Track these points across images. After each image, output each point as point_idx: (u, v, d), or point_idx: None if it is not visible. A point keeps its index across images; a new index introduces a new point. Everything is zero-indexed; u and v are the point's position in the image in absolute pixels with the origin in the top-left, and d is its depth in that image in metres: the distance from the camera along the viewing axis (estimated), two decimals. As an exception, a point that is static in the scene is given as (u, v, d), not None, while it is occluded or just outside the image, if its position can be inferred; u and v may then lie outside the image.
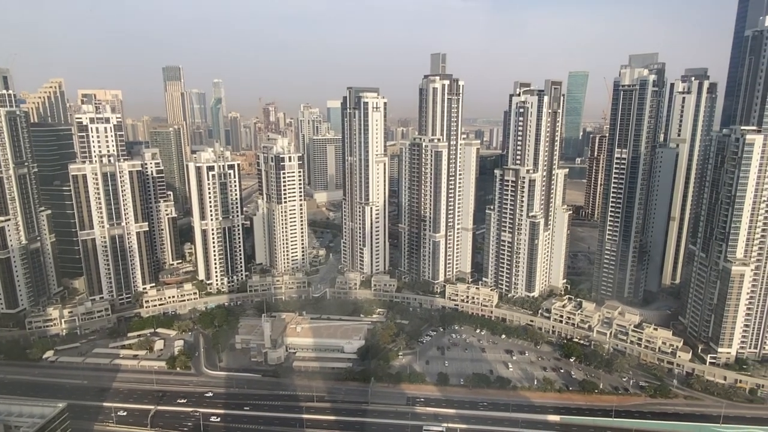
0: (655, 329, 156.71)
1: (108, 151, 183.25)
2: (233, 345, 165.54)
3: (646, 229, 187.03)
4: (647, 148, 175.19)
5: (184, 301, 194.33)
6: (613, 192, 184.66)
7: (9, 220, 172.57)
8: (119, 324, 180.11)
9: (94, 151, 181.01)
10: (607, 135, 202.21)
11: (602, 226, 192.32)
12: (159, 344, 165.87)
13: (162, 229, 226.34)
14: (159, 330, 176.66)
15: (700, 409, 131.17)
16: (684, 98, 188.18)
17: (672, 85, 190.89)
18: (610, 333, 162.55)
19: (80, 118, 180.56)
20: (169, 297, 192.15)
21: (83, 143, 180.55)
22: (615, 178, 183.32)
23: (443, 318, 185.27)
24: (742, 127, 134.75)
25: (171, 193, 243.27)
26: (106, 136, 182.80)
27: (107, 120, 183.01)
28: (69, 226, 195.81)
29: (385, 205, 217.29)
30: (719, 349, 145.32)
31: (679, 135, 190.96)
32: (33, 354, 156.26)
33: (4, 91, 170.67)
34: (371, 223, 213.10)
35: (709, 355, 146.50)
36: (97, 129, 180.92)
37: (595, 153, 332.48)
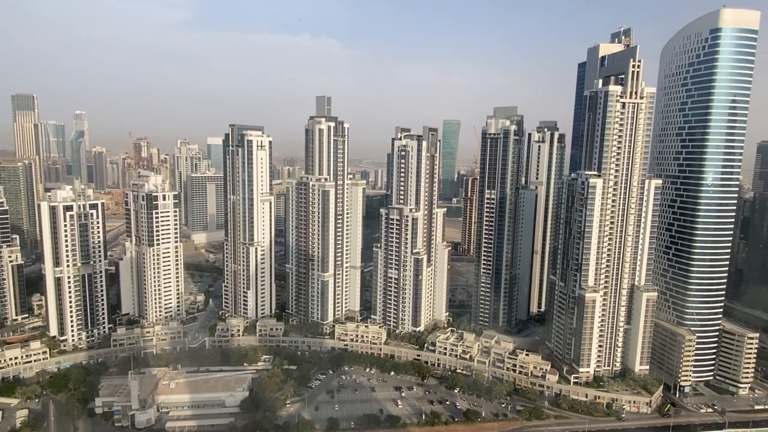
0: (527, 355, 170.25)
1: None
2: (93, 409, 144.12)
3: (514, 263, 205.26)
4: (512, 189, 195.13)
5: (30, 362, 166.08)
6: (485, 229, 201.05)
7: None
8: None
9: None
10: (478, 177, 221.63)
11: (477, 260, 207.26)
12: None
13: (4, 279, 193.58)
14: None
15: (569, 428, 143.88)
16: (539, 146, 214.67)
17: (530, 134, 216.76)
18: (489, 361, 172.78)
19: None
20: (11, 359, 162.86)
21: None
22: (486, 216, 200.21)
23: (333, 359, 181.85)
24: (586, 172, 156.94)
25: (17, 236, 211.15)
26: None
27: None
28: None
29: (271, 246, 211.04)
30: (580, 369, 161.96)
31: (537, 178, 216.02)
32: None
33: None
34: (256, 265, 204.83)
35: (572, 376, 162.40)
36: None
37: (469, 194, 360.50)
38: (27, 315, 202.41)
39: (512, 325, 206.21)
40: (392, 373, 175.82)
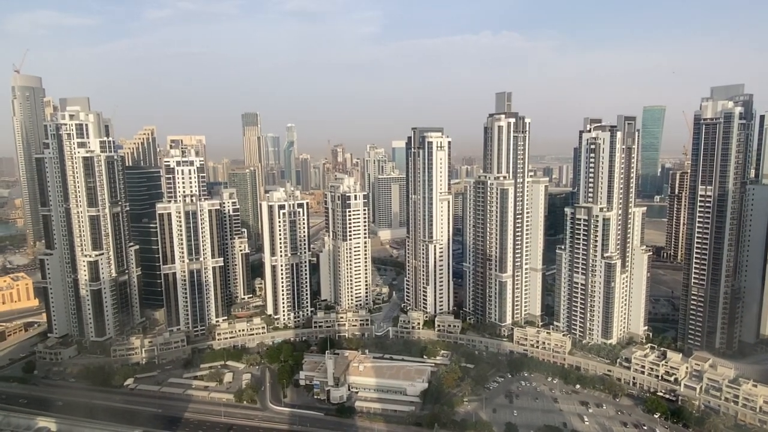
0: (755, 386, 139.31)
1: (191, 191, 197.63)
2: (297, 381, 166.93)
3: (738, 273, 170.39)
4: (736, 184, 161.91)
5: (253, 334, 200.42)
6: (698, 232, 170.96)
7: (102, 254, 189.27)
8: (193, 355, 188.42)
9: (179, 192, 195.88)
10: (689, 171, 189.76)
11: (687, 268, 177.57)
12: (228, 377, 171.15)
13: (235, 265, 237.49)
14: (229, 362, 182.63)
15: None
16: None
17: (762, 117, 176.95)
18: (701, 388, 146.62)
19: (168, 162, 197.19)
20: (240, 330, 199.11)
21: (170, 184, 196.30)
22: (700, 217, 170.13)
23: (511, 363, 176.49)
24: None
25: (245, 230, 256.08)
26: (190, 178, 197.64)
27: (191, 163, 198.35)
28: (153, 260, 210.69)
29: (449, 244, 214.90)
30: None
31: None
32: (115, 381, 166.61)
33: (105, 138, 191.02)
34: (435, 262, 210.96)
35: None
36: (182, 171, 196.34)
37: (676, 190, 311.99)
38: (251, 295, 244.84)
39: (733, 348, 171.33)
40: (577, 386, 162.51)
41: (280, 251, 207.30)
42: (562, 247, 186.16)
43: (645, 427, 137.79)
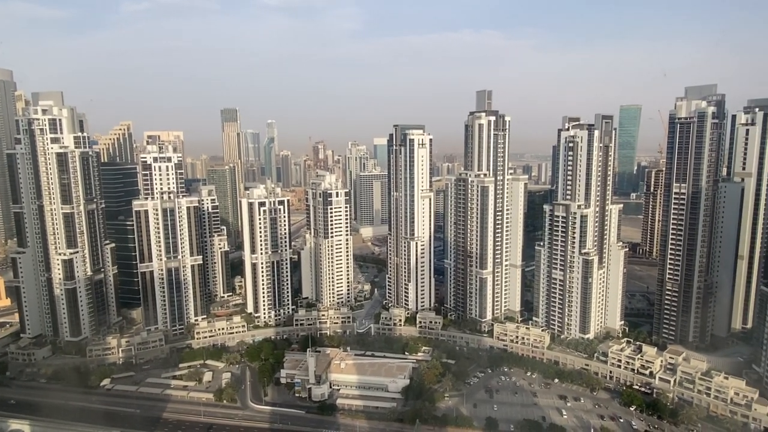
0: (726, 378, 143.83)
1: (168, 188, 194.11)
2: (278, 379, 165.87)
3: (710, 269, 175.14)
4: (708, 182, 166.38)
5: (233, 333, 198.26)
6: (673, 229, 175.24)
7: (77, 252, 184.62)
8: (172, 354, 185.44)
9: (156, 188, 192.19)
10: (664, 169, 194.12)
11: (662, 264, 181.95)
12: (208, 376, 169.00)
13: (215, 263, 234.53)
14: (208, 362, 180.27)
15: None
16: (747, 130, 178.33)
17: (734, 116, 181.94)
18: (675, 380, 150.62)
19: (145, 158, 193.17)
20: (219, 329, 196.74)
21: (146, 181, 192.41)
22: (674, 214, 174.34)
23: (491, 359, 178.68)
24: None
25: (224, 227, 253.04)
26: (168, 174, 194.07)
27: (169, 159, 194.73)
28: (130, 258, 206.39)
29: (430, 241, 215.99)
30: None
31: (744, 169, 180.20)
32: (92, 381, 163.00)
33: (80, 134, 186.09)
34: (416, 259, 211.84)
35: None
36: (159, 168, 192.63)
37: (652, 188, 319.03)
38: (231, 293, 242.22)
39: (705, 341, 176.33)
40: (556, 380, 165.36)
41: (261, 249, 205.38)
42: (541, 243, 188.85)
43: (621, 420, 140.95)
